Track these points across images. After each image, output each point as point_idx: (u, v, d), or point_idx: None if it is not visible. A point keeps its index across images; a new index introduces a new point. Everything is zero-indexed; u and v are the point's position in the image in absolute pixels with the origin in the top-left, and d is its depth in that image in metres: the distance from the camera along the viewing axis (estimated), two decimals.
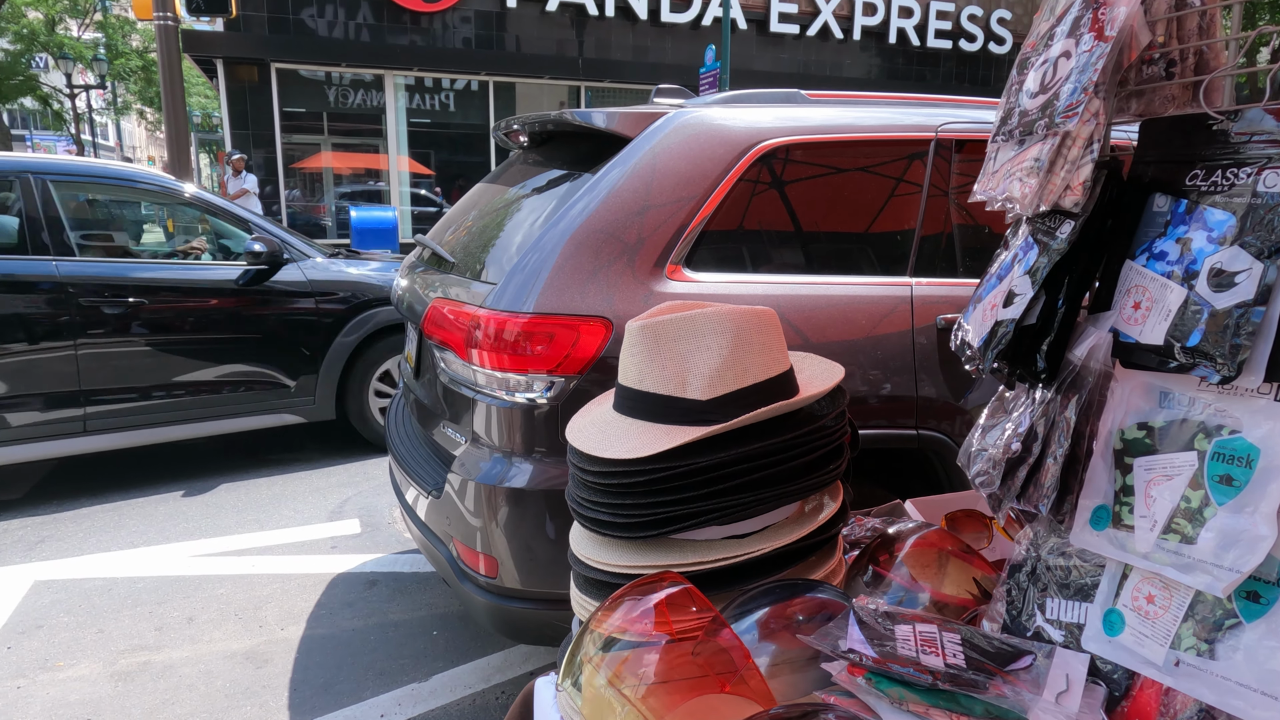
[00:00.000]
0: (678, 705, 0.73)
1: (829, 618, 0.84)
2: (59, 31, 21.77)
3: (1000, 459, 0.79)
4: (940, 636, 0.71)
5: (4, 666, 2.72)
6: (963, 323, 0.90)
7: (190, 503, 4.10)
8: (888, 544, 0.98)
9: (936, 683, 0.63)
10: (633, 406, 0.97)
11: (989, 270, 0.87)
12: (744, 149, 2.16)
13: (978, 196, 0.86)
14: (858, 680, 0.67)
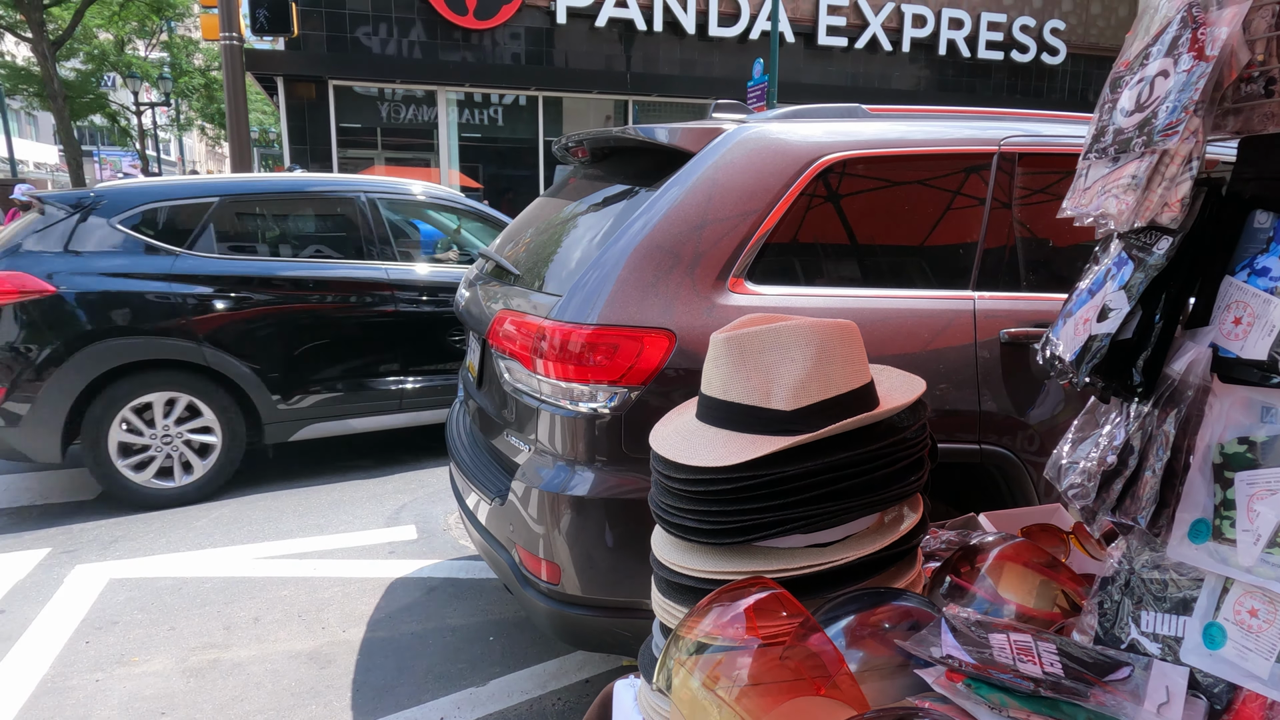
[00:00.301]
0: (774, 707, 0.75)
1: (915, 626, 0.85)
2: (127, 52, 22.68)
3: (1095, 472, 0.80)
4: (1036, 645, 0.72)
5: (83, 660, 2.83)
6: (1051, 337, 0.90)
7: (253, 506, 4.22)
8: (969, 556, 0.99)
9: (1038, 690, 0.64)
10: (717, 416, 1.00)
11: (1078, 285, 0.88)
12: (806, 163, 2.18)
13: (1067, 212, 0.87)
14: (957, 686, 0.68)
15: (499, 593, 3.34)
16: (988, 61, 15.60)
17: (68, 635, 2.99)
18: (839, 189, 2.20)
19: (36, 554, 3.64)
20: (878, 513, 1.02)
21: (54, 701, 2.60)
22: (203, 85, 25.04)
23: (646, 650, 1.08)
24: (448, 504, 4.26)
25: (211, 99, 25.68)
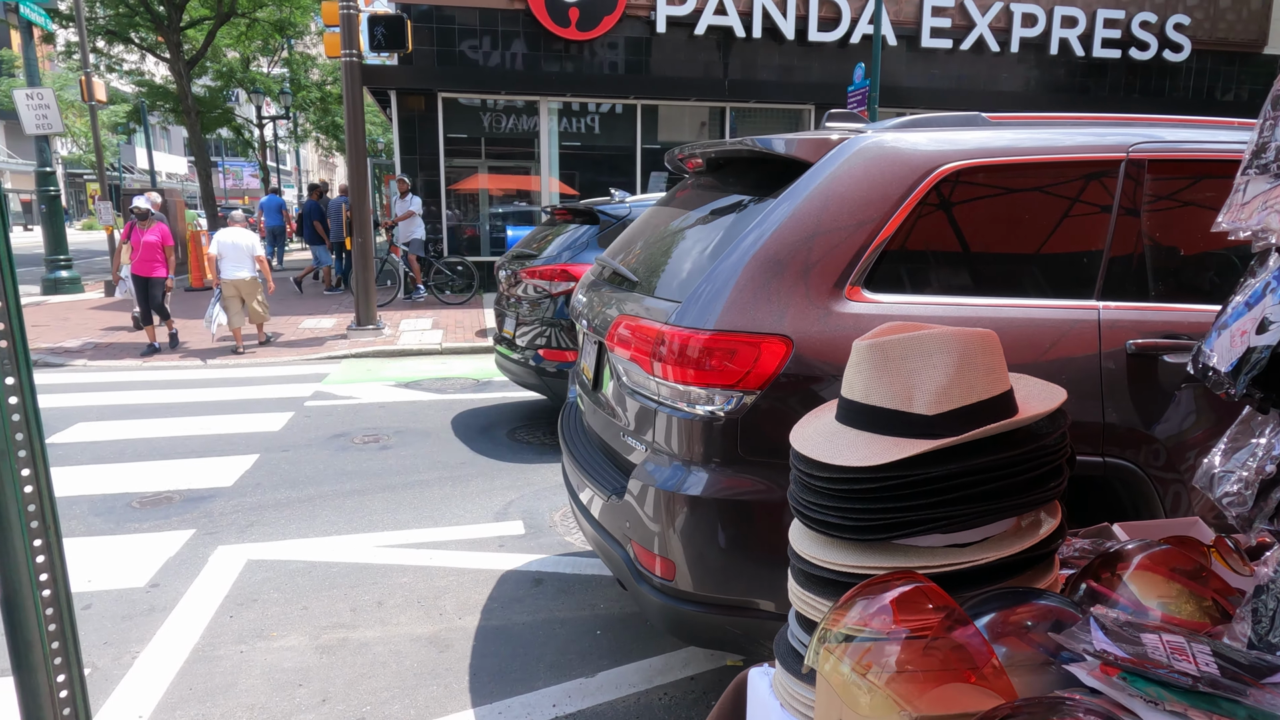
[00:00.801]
0: (924, 692, 0.80)
1: (1058, 625, 0.88)
2: (252, 69, 24.17)
3: (1253, 480, 0.81)
4: (1190, 646, 0.74)
5: (229, 633, 3.08)
6: (1204, 349, 0.92)
7: (373, 499, 4.47)
8: (1109, 563, 1.00)
9: (1197, 685, 0.67)
10: (858, 418, 1.05)
11: (1233, 298, 0.89)
12: (924, 172, 2.19)
13: (1223, 227, 0.88)
14: (1112, 679, 0.71)
15: (605, 588, 3.44)
16: (1103, 60, 14.90)
17: (213, 610, 3.25)
18: (958, 198, 2.20)
19: (183, 534, 3.97)
20: (1016, 517, 1.05)
21: (205, 669, 2.84)
22: (319, 99, 26.44)
23: (782, 639, 1.14)
24: (553, 501, 4.40)
25: (326, 112, 27.08)
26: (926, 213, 2.19)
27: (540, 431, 5.76)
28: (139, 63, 21.87)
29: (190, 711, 2.60)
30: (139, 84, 21.73)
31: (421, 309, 11.69)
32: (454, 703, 2.66)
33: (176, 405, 6.50)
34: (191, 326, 10.08)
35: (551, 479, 4.77)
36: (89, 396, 6.80)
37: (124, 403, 6.58)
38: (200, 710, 2.61)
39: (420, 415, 6.23)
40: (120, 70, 21.09)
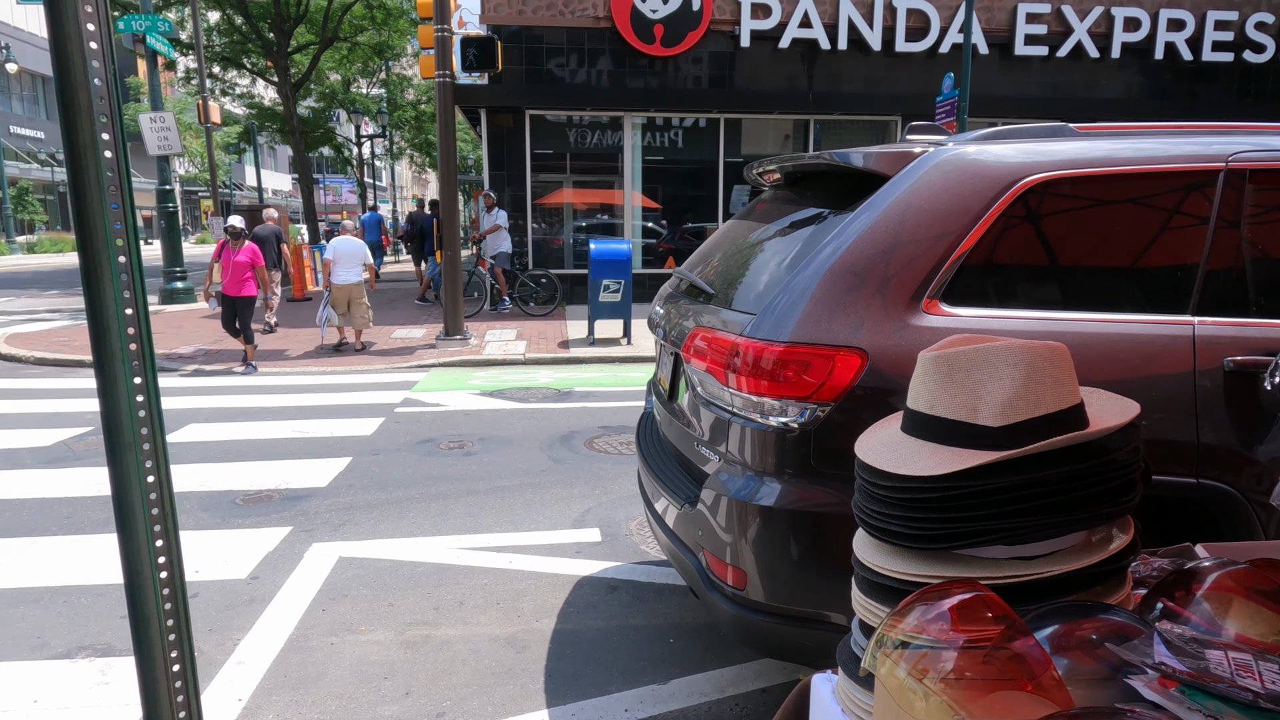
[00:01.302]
0: (980, 698, 0.81)
1: (1125, 640, 0.87)
2: (352, 90, 25.37)
3: None
4: (1256, 664, 0.73)
5: (321, 625, 3.25)
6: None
7: (456, 502, 4.62)
8: (1184, 580, 0.98)
9: (1259, 701, 0.66)
10: (923, 429, 1.06)
11: None
12: (1006, 185, 2.16)
13: None
14: (1170, 692, 0.70)
15: (678, 597, 3.47)
16: (1214, 64, 14.14)
17: (307, 603, 3.43)
18: (1043, 210, 2.16)
19: (281, 531, 4.20)
20: (1085, 531, 1.04)
21: (299, 658, 3.00)
22: (413, 118, 27.53)
23: (845, 647, 1.15)
24: (629, 510, 4.46)
25: (420, 130, 28.17)
26: (1009, 225, 2.15)
27: (617, 442, 5.84)
28: (250, 86, 23.25)
29: (285, 698, 2.75)
30: (249, 106, 23.09)
31: (506, 320, 11.99)
32: (529, 702, 2.73)
33: (278, 409, 6.87)
34: (292, 335, 10.62)
35: (628, 489, 4.83)
36: (199, 400, 7.25)
37: (231, 406, 6.99)
38: (294, 697, 2.76)
39: (503, 423, 6.41)
40: (233, 94, 22.47)
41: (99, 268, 1.30)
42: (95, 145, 1.27)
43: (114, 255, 1.30)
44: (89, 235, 1.30)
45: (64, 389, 7.74)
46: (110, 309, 1.31)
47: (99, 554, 3.89)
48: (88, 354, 9.06)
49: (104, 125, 1.28)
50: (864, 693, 1.06)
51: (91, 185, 1.28)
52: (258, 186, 22.32)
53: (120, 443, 1.35)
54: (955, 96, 10.92)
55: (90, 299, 1.31)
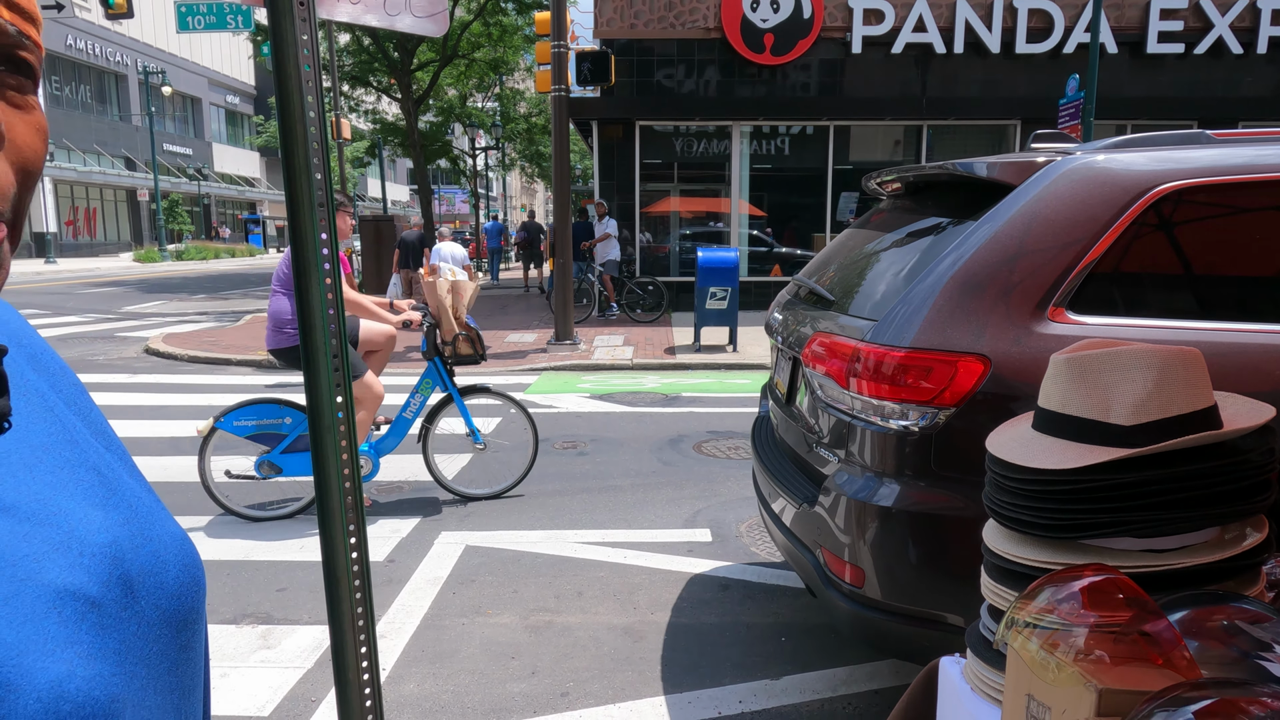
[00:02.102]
0: (1112, 669, 0.88)
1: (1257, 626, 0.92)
2: (468, 104, 26.48)
3: None
4: None
5: (452, 607, 3.49)
6: None
7: (572, 499, 4.83)
8: None
9: None
10: (1054, 427, 1.13)
11: None
12: (1137, 193, 2.15)
13: None
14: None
15: (790, 598, 3.54)
16: None
17: (439, 586, 3.68)
18: (1177, 218, 2.14)
19: (413, 520, 4.50)
20: (1218, 528, 1.09)
21: (434, 635, 3.24)
22: (524, 130, 28.48)
23: (974, 631, 1.22)
24: (738, 512, 4.55)
25: (531, 141, 29.11)
26: (1140, 234, 2.14)
27: (725, 446, 5.93)
28: (375, 103, 24.62)
29: (424, 670, 2.99)
30: (374, 122, 24.43)
31: (614, 326, 12.27)
32: (647, 688, 2.86)
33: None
34: (405, 339, 11.20)
35: (736, 491, 4.92)
36: None
37: None
38: (432, 670, 2.99)
39: (613, 425, 6.60)
40: (359, 110, 23.84)
41: (308, 276, 1.51)
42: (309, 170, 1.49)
43: (320, 264, 1.52)
44: (301, 246, 1.51)
45: (216, 384, 8.45)
46: (316, 310, 1.53)
47: (254, 534, 4.29)
48: (235, 353, 9.86)
49: (315, 151, 1.50)
50: (994, 672, 1.14)
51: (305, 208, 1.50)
52: (382, 197, 23.62)
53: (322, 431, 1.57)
54: (1080, 99, 10.48)
55: (301, 302, 1.53)
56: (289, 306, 4.23)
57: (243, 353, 9.89)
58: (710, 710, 2.74)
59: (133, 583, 0.49)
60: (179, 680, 0.51)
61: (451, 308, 4.64)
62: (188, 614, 0.53)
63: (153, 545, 0.52)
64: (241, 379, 8.76)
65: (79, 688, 0.41)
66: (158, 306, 16.52)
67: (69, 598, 0.44)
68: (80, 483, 0.51)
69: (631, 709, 2.74)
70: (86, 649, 0.43)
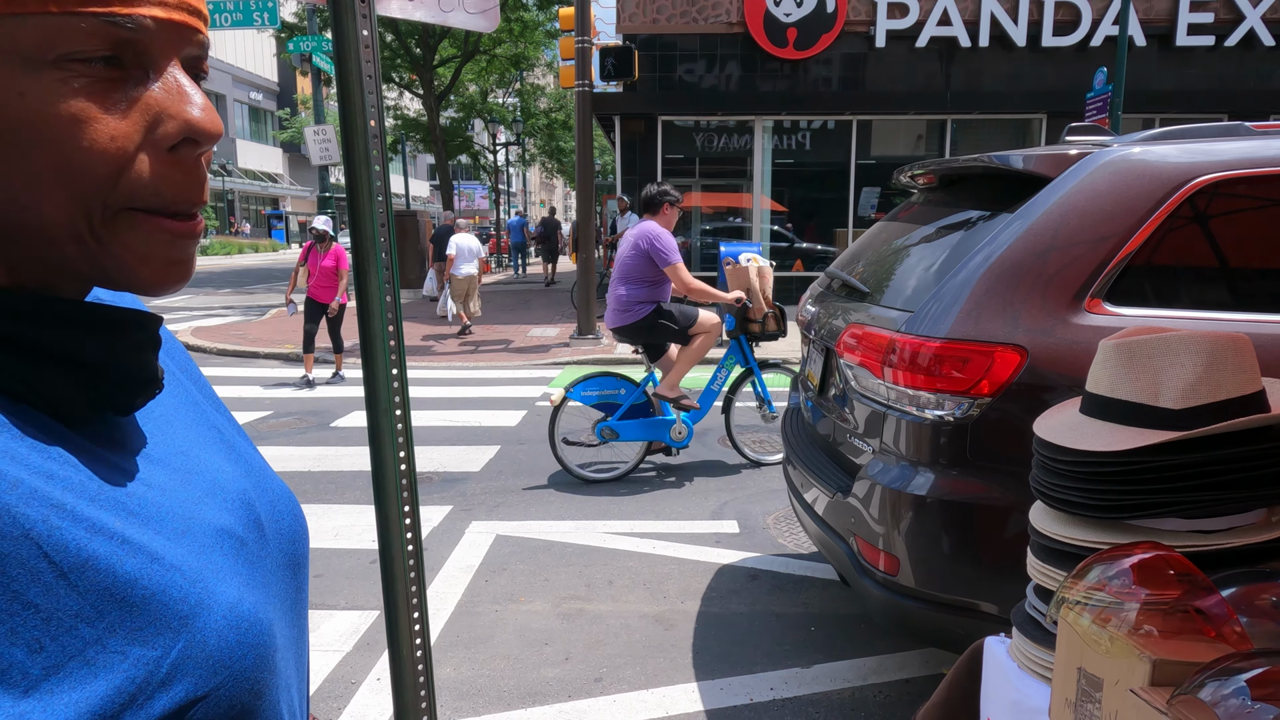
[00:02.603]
0: (1165, 642, 0.91)
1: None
2: (489, 100, 26.60)
3: None
4: None
5: (486, 593, 3.55)
6: None
7: (598, 489, 4.88)
8: None
9: None
10: (1103, 411, 1.15)
11: None
12: (1175, 185, 2.16)
13: None
14: None
15: (818, 588, 3.57)
16: None
17: (471, 573, 3.74)
18: (1215, 210, 2.15)
19: (443, 509, 4.57)
20: (1265, 509, 1.11)
21: (468, 621, 3.31)
22: (545, 126, 28.57)
23: (1020, 610, 1.25)
24: (766, 505, 4.58)
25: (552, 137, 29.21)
26: (1178, 226, 2.15)
27: (750, 438, 5.96)
28: (397, 99, 24.77)
29: (460, 654, 3.05)
30: (396, 118, 24.59)
31: None
32: (679, 675, 2.91)
33: (429, 400, 7.38)
34: (440, 332, 11.31)
35: (763, 484, 4.95)
36: (358, 389, 7.88)
37: None
38: (467, 654, 3.05)
39: None
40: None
41: (367, 266, 1.57)
42: (368, 162, 1.54)
43: (379, 257, 1.57)
44: (360, 239, 1.56)
45: (245, 377, 8.58)
46: (375, 300, 1.58)
47: None
48: (263, 346, 10.00)
49: (374, 144, 1.55)
50: (1042, 650, 1.17)
51: (364, 198, 1.55)
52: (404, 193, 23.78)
53: (379, 415, 1.62)
54: (1109, 92, 10.38)
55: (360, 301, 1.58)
56: (625, 292, 4.83)
57: (269, 346, 10.03)
58: (742, 697, 2.78)
59: (263, 526, 0.54)
60: (297, 617, 0.57)
61: (760, 289, 5.12)
62: (300, 557, 0.59)
63: (270, 495, 0.58)
64: (269, 371, 8.89)
65: (249, 610, 0.46)
66: (185, 300, 16.76)
67: (225, 535, 0.49)
68: (208, 440, 0.56)
69: (664, 694, 2.79)
70: (245, 579, 0.48)
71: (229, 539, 0.49)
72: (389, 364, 1.60)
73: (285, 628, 0.53)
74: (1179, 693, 0.82)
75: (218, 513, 0.50)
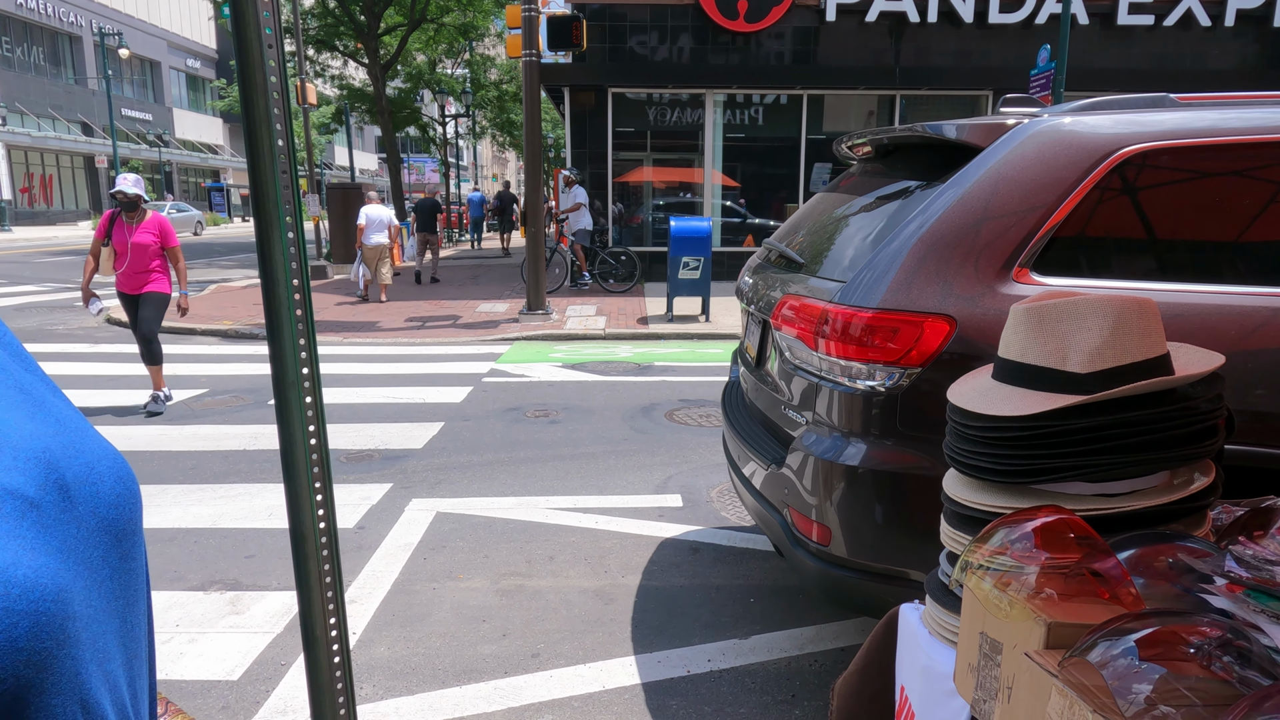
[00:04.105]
0: (1061, 605, 0.90)
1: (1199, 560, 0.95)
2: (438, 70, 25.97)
3: None
4: None
5: (423, 572, 3.49)
6: None
7: (544, 466, 4.84)
8: (1261, 517, 1.05)
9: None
10: (1014, 376, 1.15)
11: None
12: (1102, 156, 2.17)
13: None
14: (1237, 595, 0.79)
15: (759, 560, 3.59)
16: None
17: (410, 552, 3.68)
18: (1140, 182, 2.17)
19: (383, 487, 4.48)
20: (1167, 472, 1.11)
21: (405, 599, 3.25)
22: (495, 97, 28.03)
23: (933, 577, 1.25)
24: (709, 478, 4.59)
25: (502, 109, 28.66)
26: (1105, 197, 2.17)
27: (697, 414, 5.97)
28: (341, 68, 24.05)
29: (395, 633, 3.00)
30: (341, 88, 23.90)
31: (586, 296, 12.22)
32: (618, 649, 2.90)
33: (373, 377, 7.24)
34: (381, 309, 11.08)
35: (707, 458, 4.96)
36: None
37: (329, 373, 7.39)
38: (403, 633, 3.00)
39: (585, 394, 6.61)
40: (325, 75, 23.29)
41: (271, 236, 1.49)
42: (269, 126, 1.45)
43: (283, 222, 1.49)
44: (263, 202, 1.48)
45: (180, 354, 8.31)
46: (280, 278, 1.50)
47: (221, 501, 4.25)
48: (200, 322, 9.69)
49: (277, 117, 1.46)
50: (950, 615, 1.17)
51: (265, 160, 1.46)
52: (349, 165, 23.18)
53: (286, 392, 1.55)
54: (1052, 69, 10.53)
55: (264, 269, 1.50)
56: None
57: (208, 322, 9.73)
58: (679, 669, 2.78)
59: (69, 489, 0.50)
60: (122, 589, 0.52)
61: None
62: (125, 524, 0.54)
63: (85, 456, 0.53)
64: (208, 348, 8.62)
65: (25, 575, 0.42)
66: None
67: (7, 495, 0.45)
68: (6, 398, 0.51)
69: (601, 668, 2.77)
70: (30, 543, 0.44)
71: (12, 499, 0.45)
72: (295, 335, 1.53)
73: (98, 598, 0.49)
74: (1070, 655, 0.81)
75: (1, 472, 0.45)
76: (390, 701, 2.59)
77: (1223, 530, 1.23)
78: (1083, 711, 0.77)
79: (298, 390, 1.55)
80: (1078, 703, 0.78)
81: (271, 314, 1.52)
